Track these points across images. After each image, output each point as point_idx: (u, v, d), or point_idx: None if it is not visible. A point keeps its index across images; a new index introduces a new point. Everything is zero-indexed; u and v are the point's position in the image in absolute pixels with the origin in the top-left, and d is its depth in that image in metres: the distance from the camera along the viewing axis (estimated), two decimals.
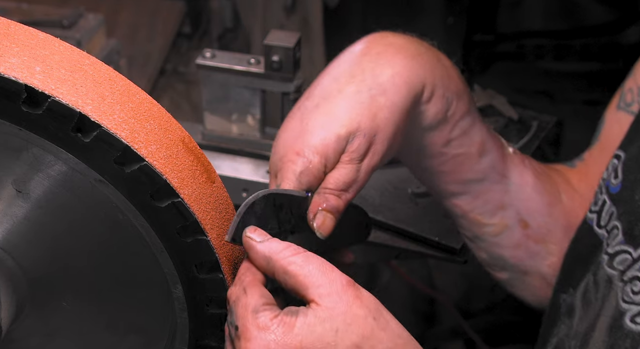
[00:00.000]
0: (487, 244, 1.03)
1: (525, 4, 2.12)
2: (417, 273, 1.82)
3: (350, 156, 0.83)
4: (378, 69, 0.87)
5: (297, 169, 0.81)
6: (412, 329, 1.21)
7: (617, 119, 1.00)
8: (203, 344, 0.78)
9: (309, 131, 0.83)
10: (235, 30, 2.31)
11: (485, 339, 1.61)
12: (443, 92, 0.90)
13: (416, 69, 0.88)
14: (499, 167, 0.98)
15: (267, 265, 0.74)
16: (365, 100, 0.85)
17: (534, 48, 2.11)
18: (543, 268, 1.04)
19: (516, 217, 1.00)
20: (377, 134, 0.84)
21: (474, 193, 0.98)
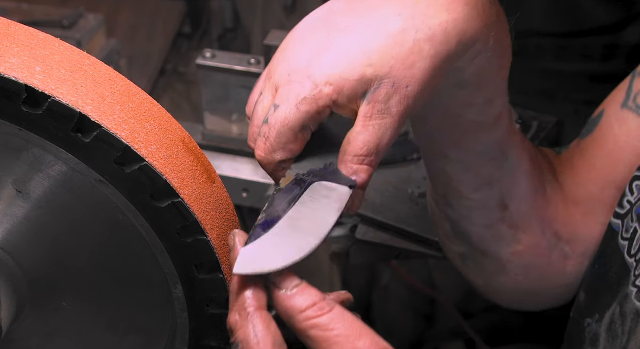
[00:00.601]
0: (458, 215, 0.96)
1: (525, 4, 2.12)
2: (417, 273, 1.82)
3: (376, 108, 0.71)
4: (432, 9, 0.73)
5: (301, 94, 0.70)
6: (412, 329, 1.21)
7: (622, 118, 0.92)
8: (203, 344, 0.78)
9: (331, 54, 0.71)
10: (235, 30, 2.32)
11: (485, 339, 1.61)
12: (491, 55, 0.78)
13: (475, 21, 0.75)
14: (503, 143, 0.90)
15: (288, 320, 0.66)
16: (407, 43, 0.71)
17: (534, 48, 2.10)
18: (504, 254, 0.98)
19: (498, 198, 0.93)
20: (410, 86, 0.71)
21: (468, 164, 0.90)
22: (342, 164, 0.72)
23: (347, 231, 1.29)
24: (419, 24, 0.72)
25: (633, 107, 0.92)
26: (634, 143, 0.91)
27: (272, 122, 0.72)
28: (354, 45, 0.71)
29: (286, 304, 0.65)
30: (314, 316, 0.64)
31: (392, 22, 0.72)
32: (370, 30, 0.72)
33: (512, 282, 1.01)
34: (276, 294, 0.66)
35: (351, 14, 0.73)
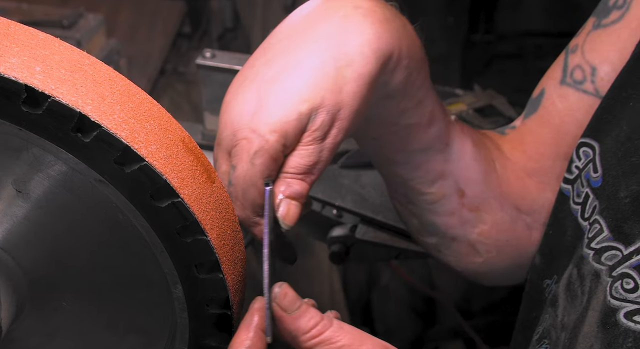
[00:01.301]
0: (421, 210, 1.01)
1: (525, 4, 2.12)
2: (417, 273, 1.82)
3: (312, 135, 0.77)
4: (344, 36, 0.79)
5: (252, 149, 0.76)
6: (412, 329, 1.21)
7: (563, 94, 0.98)
8: (203, 344, 0.78)
9: (267, 106, 0.76)
10: (235, 30, 2.32)
11: (485, 339, 1.61)
12: (408, 61, 0.84)
13: (385, 36, 0.81)
14: (443, 136, 0.95)
15: (292, 341, 0.72)
16: (330, 72, 0.77)
17: (534, 48, 2.11)
18: (472, 235, 1.02)
19: (454, 186, 0.98)
20: (342, 109, 0.78)
21: (417, 162, 0.95)
22: (278, 181, 0.77)
23: (347, 231, 1.29)
24: (335, 54, 0.78)
25: (571, 83, 0.97)
26: (577, 116, 0.96)
27: (235, 182, 0.77)
28: (284, 90, 0.77)
29: (292, 327, 0.72)
30: (318, 334, 0.71)
31: (311, 58, 0.78)
32: (294, 72, 0.78)
33: (487, 260, 1.06)
34: (282, 317, 0.72)
35: (273, 65, 0.79)
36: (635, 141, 0.82)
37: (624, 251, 0.81)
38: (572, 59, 0.98)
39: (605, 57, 0.94)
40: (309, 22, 0.82)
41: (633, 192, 0.81)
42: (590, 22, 0.98)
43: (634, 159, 0.82)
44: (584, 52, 0.97)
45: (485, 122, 1.46)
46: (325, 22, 0.81)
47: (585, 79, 0.96)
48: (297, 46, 0.79)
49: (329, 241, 1.29)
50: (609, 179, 0.85)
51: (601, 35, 0.95)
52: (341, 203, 1.29)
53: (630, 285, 0.79)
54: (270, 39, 0.83)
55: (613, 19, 0.94)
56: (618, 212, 0.82)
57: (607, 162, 0.86)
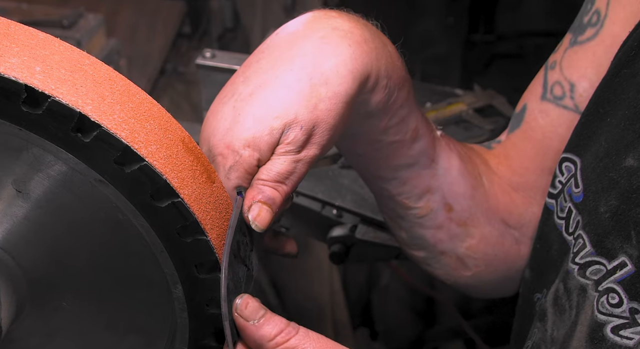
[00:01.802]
0: (410, 224, 1.02)
1: (525, 4, 2.12)
2: (417, 273, 1.82)
3: (285, 148, 0.78)
4: (321, 57, 0.81)
5: (227, 164, 0.78)
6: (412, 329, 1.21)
7: (544, 110, 1.00)
8: (203, 344, 0.78)
9: (241, 122, 0.78)
10: (235, 30, 2.32)
11: (485, 339, 1.61)
12: (387, 82, 0.86)
13: (362, 57, 0.82)
14: (429, 152, 0.96)
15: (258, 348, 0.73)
16: (304, 90, 0.79)
17: (534, 48, 2.11)
18: (460, 249, 1.04)
19: (441, 201, 1.00)
20: (317, 126, 0.79)
21: (404, 178, 0.97)
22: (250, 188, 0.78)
23: (347, 231, 1.29)
24: (311, 72, 0.80)
25: (552, 99, 0.99)
26: (559, 131, 0.98)
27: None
28: (259, 106, 0.79)
29: (255, 335, 0.72)
30: (283, 342, 0.71)
31: (287, 76, 0.80)
32: (269, 89, 0.79)
33: (476, 274, 1.07)
34: (244, 327, 0.72)
35: (250, 83, 0.81)
36: (613, 157, 0.84)
37: (607, 266, 0.82)
38: (551, 75, 1.00)
39: (582, 74, 0.96)
40: (288, 42, 0.83)
41: (612, 207, 0.82)
42: (567, 39, 1.00)
43: (612, 174, 0.83)
44: (562, 68, 0.98)
45: (485, 122, 1.46)
46: (303, 42, 0.82)
47: (565, 95, 0.98)
48: (274, 65, 0.81)
49: (329, 241, 1.29)
50: (589, 195, 0.86)
51: (578, 52, 0.97)
52: (341, 203, 1.29)
53: (615, 300, 0.81)
54: (251, 57, 0.85)
55: (588, 36, 0.96)
56: (599, 227, 0.83)
57: (587, 178, 0.87)
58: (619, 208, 0.81)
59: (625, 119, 0.84)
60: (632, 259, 0.79)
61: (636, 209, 0.80)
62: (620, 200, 0.81)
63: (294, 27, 0.85)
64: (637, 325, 0.79)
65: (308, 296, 1.85)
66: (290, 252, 0.92)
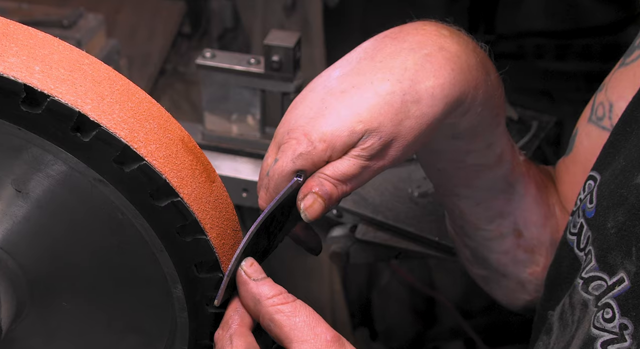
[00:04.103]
0: (476, 244, 1.03)
1: (525, 4, 2.12)
2: (417, 273, 1.82)
3: (359, 152, 0.78)
4: (421, 75, 0.80)
5: (298, 150, 0.78)
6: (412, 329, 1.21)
7: (588, 132, 1.00)
8: (203, 344, 0.78)
9: (326, 116, 0.78)
10: (235, 30, 2.31)
11: (485, 339, 1.61)
12: (481, 109, 0.86)
13: (462, 84, 0.82)
14: (509, 177, 0.97)
15: (254, 307, 0.73)
16: (395, 103, 0.79)
17: (534, 48, 2.11)
18: (523, 274, 1.04)
19: (512, 227, 1.00)
20: (395, 140, 0.79)
21: (479, 199, 0.97)
22: (312, 177, 0.78)
23: (347, 231, 1.29)
24: (406, 88, 0.79)
25: (595, 120, 0.99)
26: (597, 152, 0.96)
27: (271, 174, 0.79)
28: (346, 106, 0.78)
29: (255, 291, 0.73)
30: (280, 303, 0.72)
31: (382, 85, 0.79)
32: (361, 92, 0.79)
33: (534, 299, 1.06)
34: (246, 282, 0.74)
35: (346, 81, 0.80)
36: (627, 174, 0.83)
37: (608, 281, 0.82)
38: (598, 97, 0.99)
39: (621, 94, 0.95)
40: (392, 49, 0.82)
41: (618, 223, 0.82)
42: (619, 62, 0.99)
43: (623, 190, 0.83)
44: (607, 89, 0.98)
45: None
46: (408, 54, 0.81)
47: (605, 115, 0.97)
48: (373, 69, 0.81)
49: (329, 241, 1.29)
50: (600, 210, 0.86)
51: (622, 73, 0.97)
52: (341, 203, 1.29)
53: (609, 314, 0.81)
54: (354, 53, 0.84)
55: (633, 58, 0.95)
56: (604, 242, 0.83)
57: (602, 194, 0.87)
58: (625, 224, 0.81)
59: None
60: (630, 275, 0.79)
61: None
62: (627, 216, 0.81)
63: (402, 34, 0.84)
64: (624, 341, 0.79)
65: (308, 296, 1.84)
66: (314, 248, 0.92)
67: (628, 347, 0.78)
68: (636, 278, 0.79)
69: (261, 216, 0.75)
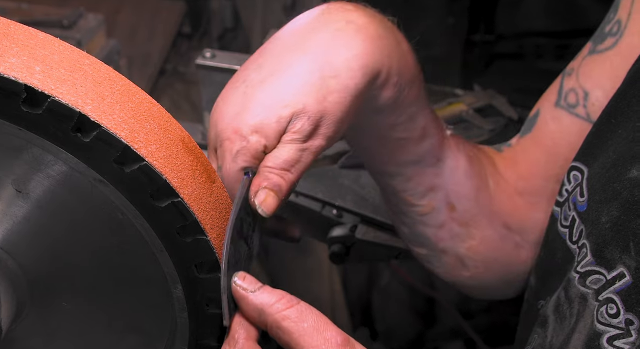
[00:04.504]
0: (412, 221, 1.03)
1: (525, 4, 2.12)
2: (417, 273, 1.82)
3: (292, 136, 0.79)
4: (334, 49, 0.81)
5: (234, 149, 0.78)
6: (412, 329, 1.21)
7: (556, 117, 1.00)
8: (203, 344, 0.78)
9: (250, 108, 0.79)
10: (235, 30, 2.32)
11: (485, 339, 1.61)
12: (397, 79, 0.86)
13: (375, 53, 0.83)
14: (436, 151, 0.97)
15: (259, 317, 0.72)
16: (315, 81, 0.80)
17: (534, 48, 2.11)
18: (461, 249, 1.04)
19: (444, 200, 1.00)
20: (324, 117, 0.80)
21: (408, 175, 0.97)
22: (257, 175, 0.78)
23: (347, 231, 1.29)
24: (323, 64, 0.80)
25: (565, 106, 0.99)
26: (569, 139, 0.98)
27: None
28: (269, 94, 0.79)
29: (256, 301, 0.71)
30: (284, 308, 0.70)
31: (299, 67, 0.80)
32: (281, 78, 0.80)
33: (475, 275, 1.07)
34: (244, 296, 0.72)
35: (262, 70, 0.81)
36: (619, 168, 0.84)
37: (607, 276, 0.82)
38: (567, 82, 1.00)
39: (597, 83, 0.96)
40: (302, 32, 0.83)
41: (613, 218, 0.82)
42: (587, 47, 1.00)
43: (615, 184, 0.83)
44: (578, 76, 0.98)
45: (485, 122, 1.46)
46: (317, 34, 0.82)
47: (578, 103, 0.98)
48: (287, 54, 0.82)
49: (329, 241, 1.29)
50: (592, 204, 0.87)
51: (595, 61, 0.97)
52: (341, 203, 1.29)
53: (613, 310, 0.81)
54: (266, 44, 0.85)
55: (607, 46, 0.95)
56: (599, 237, 0.84)
57: (593, 188, 0.88)
58: (619, 219, 0.82)
59: (635, 131, 0.84)
60: (630, 270, 0.80)
61: (636, 221, 0.80)
62: (621, 211, 0.82)
63: (309, 17, 0.85)
64: (630, 336, 0.79)
65: (308, 296, 1.84)
66: (293, 237, 0.92)
67: (634, 342, 0.79)
68: (637, 273, 0.79)
69: (229, 225, 0.73)
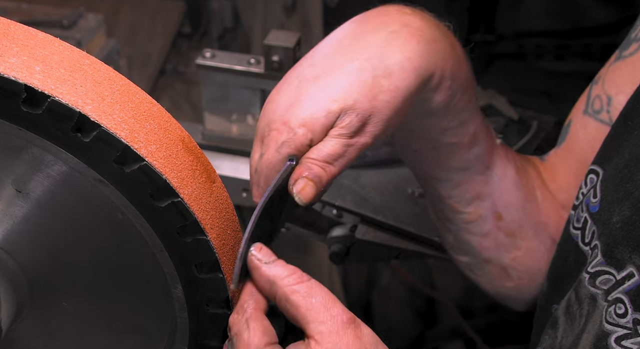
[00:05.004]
0: (457, 228, 1.03)
1: (525, 4, 2.12)
2: (417, 273, 1.82)
3: (339, 131, 0.80)
4: (388, 51, 0.82)
5: (280, 139, 0.79)
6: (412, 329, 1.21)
7: (584, 124, 1.00)
8: (203, 344, 0.78)
9: (301, 102, 0.80)
10: (235, 30, 2.32)
11: (485, 339, 1.61)
12: (451, 83, 0.87)
13: (429, 56, 0.84)
14: (485, 158, 0.97)
15: (269, 289, 0.73)
16: (367, 79, 0.81)
17: (534, 48, 2.11)
18: (506, 260, 1.04)
19: (491, 209, 1.00)
20: (373, 115, 0.81)
21: (456, 181, 0.98)
22: (300, 164, 0.79)
23: (347, 231, 1.29)
24: (376, 64, 0.81)
25: (591, 113, 1.00)
26: (595, 145, 0.98)
27: (260, 169, 0.81)
28: (320, 90, 0.81)
29: (268, 273, 0.73)
30: (295, 283, 0.72)
31: (352, 65, 0.81)
32: (333, 74, 0.81)
33: (518, 286, 1.07)
34: (258, 266, 0.73)
35: (315, 68, 0.83)
36: (632, 168, 0.84)
37: (616, 276, 0.82)
38: (594, 90, 1.00)
39: (620, 88, 0.96)
40: (357, 32, 0.85)
41: (624, 218, 0.82)
42: (614, 55, 1.00)
43: (628, 185, 0.84)
44: (604, 82, 0.99)
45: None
46: (372, 35, 0.84)
47: (602, 108, 0.98)
48: (341, 53, 0.83)
49: (329, 241, 1.29)
50: (605, 205, 0.87)
51: (620, 67, 0.97)
52: (341, 203, 1.29)
53: (621, 310, 0.81)
54: (320, 44, 0.86)
55: (631, 51, 0.96)
56: (610, 237, 0.84)
57: (606, 189, 0.88)
58: (631, 219, 0.81)
59: None
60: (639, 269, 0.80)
61: None
62: (633, 211, 0.82)
63: (365, 18, 0.86)
64: (638, 336, 0.79)
65: None
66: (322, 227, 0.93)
67: None
68: None
69: (261, 201, 0.76)
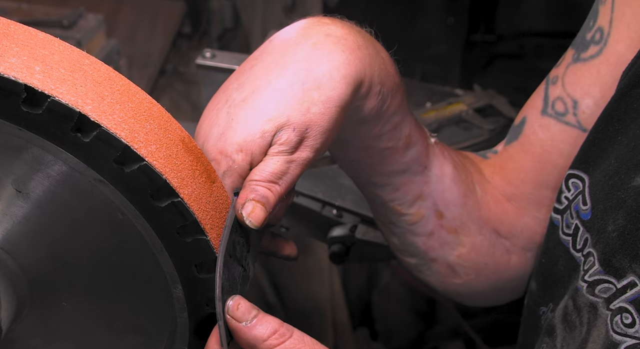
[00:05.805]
0: (402, 230, 1.03)
1: (525, 4, 2.12)
2: None
3: (278, 148, 0.79)
4: (314, 62, 0.81)
5: (221, 170, 0.78)
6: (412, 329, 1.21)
7: (544, 125, 1.00)
8: (203, 344, 0.78)
9: (234, 127, 0.79)
10: (235, 30, 2.32)
11: (485, 339, 1.61)
12: (380, 88, 0.87)
13: (355, 63, 0.83)
14: (422, 159, 0.97)
15: None
16: (297, 94, 0.80)
17: (534, 48, 2.11)
18: (451, 257, 1.04)
19: (433, 208, 1.00)
20: (310, 128, 0.80)
21: (396, 184, 0.98)
22: (243, 188, 0.78)
23: (347, 231, 1.29)
24: (304, 77, 0.80)
25: (553, 115, 0.99)
26: (559, 146, 0.99)
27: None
28: (251, 111, 0.79)
29: (248, 335, 0.71)
30: (278, 344, 0.70)
31: (280, 81, 0.80)
32: (262, 94, 0.80)
33: (466, 282, 1.07)
34: (237, 327, 0.72)
35: (243, 89, 0.81)
36: (622, 176, 0.84)
37: (617, 285, 0.82)
38: (553, 91, 1.00)
39: (586, 91, 0.96)
40: (281, 48, 0.84)
41: (619, 227, 0.82)
42: (569, 54, 1.00)
43: (620, 193, 0.83)
44: (564, 84, 0.98)
45: (485, 122, 1.46)
46: (296, 48, 0.83)
47: (567, 111, 0.98)
48: (267, 71, 0.82)
49: (329, 241, 1.29)
50: (597, 213, 0.86)
51: (581, 69, 0.97)
52: (341, 203, 1.29)
53: (628, 320, 0.81)
54: (245, 64, 0.85)
55: (591, 54, 0.95)
56: (607, 246, 0.83)
57: (596, 196, 0.87)
58: (626, 228, 0.81)
59: (636, 139, 0.84)
60: None
61: None
62: (628, 219, 0.81)
63: (286, 34, 0.85)
64: None
65: (308, 296, 1.85)
66: (289, 255, 0.92)
67: None
68: None
69: (220, 249, 0.73)
